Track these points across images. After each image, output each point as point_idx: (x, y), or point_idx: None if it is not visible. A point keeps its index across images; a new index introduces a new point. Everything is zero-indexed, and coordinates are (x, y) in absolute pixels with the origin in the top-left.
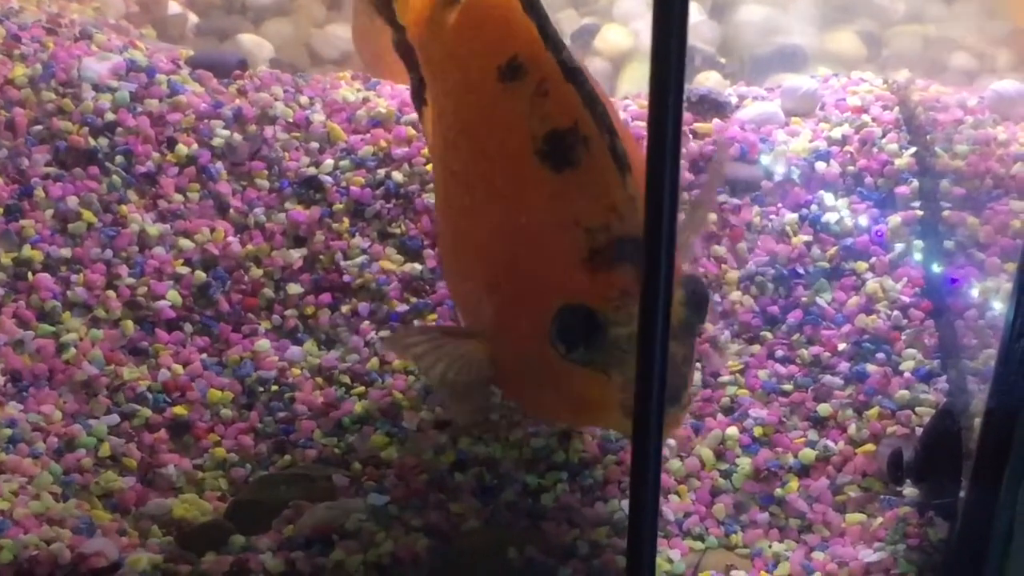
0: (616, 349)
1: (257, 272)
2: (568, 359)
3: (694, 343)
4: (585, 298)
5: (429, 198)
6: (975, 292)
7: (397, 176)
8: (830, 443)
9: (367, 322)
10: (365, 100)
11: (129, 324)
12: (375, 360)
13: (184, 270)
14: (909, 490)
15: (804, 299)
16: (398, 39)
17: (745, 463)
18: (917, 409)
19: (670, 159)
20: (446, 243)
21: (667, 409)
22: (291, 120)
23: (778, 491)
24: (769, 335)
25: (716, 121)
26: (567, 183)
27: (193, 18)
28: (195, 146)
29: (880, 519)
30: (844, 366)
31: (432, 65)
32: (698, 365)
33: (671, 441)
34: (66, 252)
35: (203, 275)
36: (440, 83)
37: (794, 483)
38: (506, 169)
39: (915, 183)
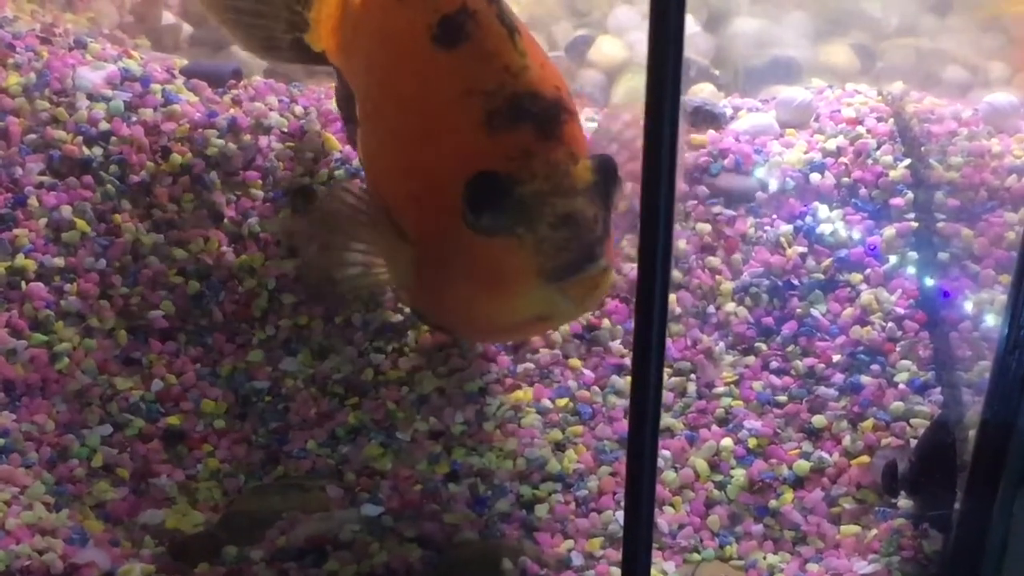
0: (523, 207)
1: (251, 282)
2: (479, 230)
3: (608, 210)
4: (488, 163)
5: None
6: (969, 304)
7: None
8: (825, 455)
9: (361, 332)
10: None
11: (123, 334)
12: (369, 371)
13: (178, 280)
14: (904, 502)
15: (799, 310)
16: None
17: (740, 474)
18: (912, 421)
19: (666, 170)
20: (369, 171)
21: (585, 267)
22: (286, 130)
23: (773, 503)
24: (764, 346)
25: (711, 132)
26: (459, 57)
27: (188, 28)
28: (189, 155)
29: (875, 531)
30: (839, 378)
31: (348, 47)
32: (693, 376)
33: (666, 452)
34: (60, 261)
35: (197, 285)
36: (358, 49)
37: (789, 495)
38: (407, 66)
39: (909, 195)
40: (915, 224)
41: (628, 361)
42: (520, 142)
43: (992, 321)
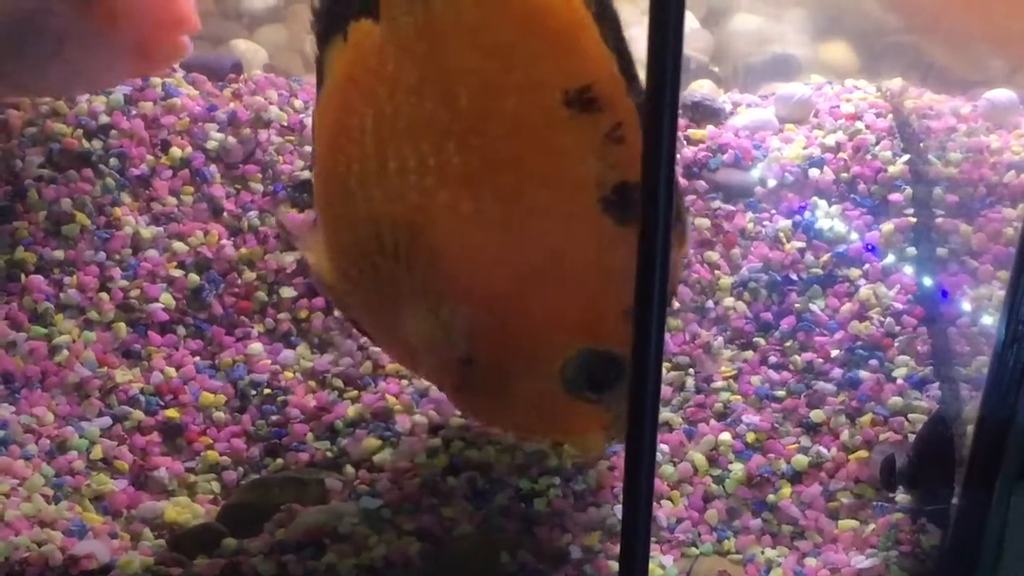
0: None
1: (250, 275)
2: (579, 396)
3: None
4: (614, 345)
5: None
6: (968, 299)
7: None
8: (823, 449)
9: None
10: None
11: (122, 326)
12: (368, 364)
13: (177, 273)
14: (901, 497)
15: (797, 305)
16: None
17: (738, 469)
18: (910, 416)
19: (665, 165)
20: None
21: None
22: (285, 124)
23: (771, 497)
24: (762, 341)
25: (710, 127)
26: (629, 237)
27: None
28: (189, 149)
29: (872, 525)
30: (837, 372)
31: (413, 50)
32: (691, 371)
33: (664, 447)
34: (59, 254)
35: (196, 278)
36: (436, 77)
37: (787, 489)
38: (556, 201)
39: (908, 190)
40: (913, 220)
41: None
42: None
43: (990, 316)
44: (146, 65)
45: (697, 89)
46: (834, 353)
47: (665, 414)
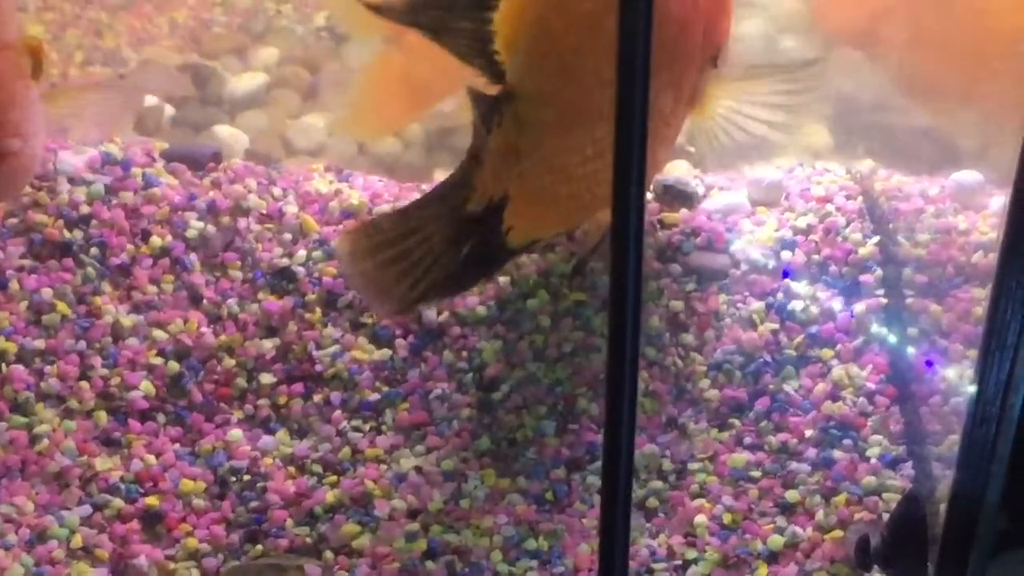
0: None
1: (230, 362)
2: None
3: None
4: None
5: None
6: (939, 379)
7: None
8: (798, 529)
9: (339, 411)
10: (337, 192)
11: (102, 415)
12: (347, 449)
13: (157, 361)
14: None
15: (771, 386)
16: None
17: (714, 550)
18: (884, 495)
19: (634, 248)
20: None
21: None
22: (264, 212)
23: None
24: (737, 422)
25: (683, 211)
26: None
27: (169, 110)
28: (169, 238)
29: None
30: (811, 452)
31: None
32: (667, 454)
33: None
34: (40, 343)
35: (176, 365)
36: None
37: (763, 569)
38: None
39: (879, 271)
40: (884, 300)
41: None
42: None
43: (961, 395)
44: None
45: (672, 171)
46: (808, 433)
47: (640, 495)
